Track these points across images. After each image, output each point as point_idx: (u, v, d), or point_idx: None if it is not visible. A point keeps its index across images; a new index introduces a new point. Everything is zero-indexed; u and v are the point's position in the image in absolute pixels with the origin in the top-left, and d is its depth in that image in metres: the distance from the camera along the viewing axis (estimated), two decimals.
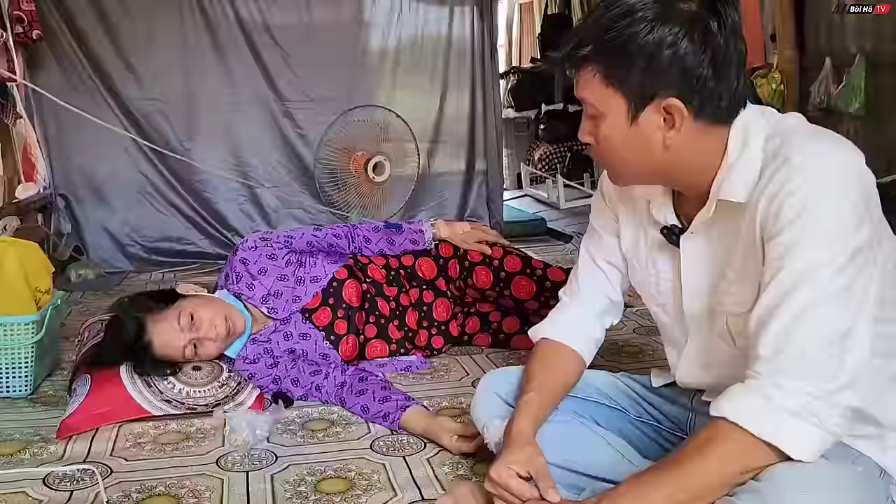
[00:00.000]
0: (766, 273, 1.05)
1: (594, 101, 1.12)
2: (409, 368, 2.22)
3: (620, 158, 1.16)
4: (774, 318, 1.02)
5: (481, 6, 4.28)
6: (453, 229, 2.39)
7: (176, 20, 3.91)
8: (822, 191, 1.01)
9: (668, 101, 1.07)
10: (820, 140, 1.06)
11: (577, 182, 5.30)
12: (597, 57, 1.09)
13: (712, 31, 1.05)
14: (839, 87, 3.20)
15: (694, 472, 1.01)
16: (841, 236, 1.00)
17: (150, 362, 1.94)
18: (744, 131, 1.11)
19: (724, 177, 1.11)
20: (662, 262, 1.29)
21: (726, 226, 1.16)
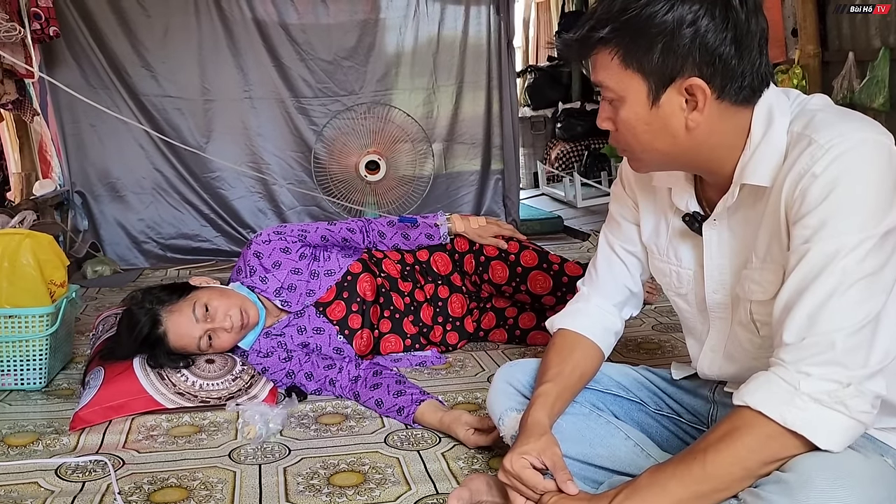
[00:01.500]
0: (792, 257, 1.01)
1: (613, 84, 1.09)
2: (424, 364, 2.20)
3: (642, 143, 1.11)
4: (800, 304, 0.98)
5: (497, 4, 4.27)
6: (468, 224, 2.37)
7: (192, 18, 3.93)
8: (850, 171, 0.97)
9: (691, 81, 1.04)
10: (847, 120, 1.02)
11: (594, 180, 5.26)
12: (615, 38, 1.06)
13: (734, 7, 1.02)
14: (862, 82, 3.14)
15: (716, 463, 0.98)
16: (870, 218, 0.96)
17: (165, 354, 1.93)
18: (768, 112, 1.07)
19: (748, 160, 1.08)
20: (684, 250, 1.26)
21: (750, 211, 1.12)
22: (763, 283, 1.10)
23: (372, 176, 3.56)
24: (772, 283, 1.09)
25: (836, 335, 0.95)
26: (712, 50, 1.02)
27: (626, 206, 1.37)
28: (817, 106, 1.08)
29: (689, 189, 1.22)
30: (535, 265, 2.26)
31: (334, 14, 4.13)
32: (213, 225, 4.05)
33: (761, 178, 1.07)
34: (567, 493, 1.13)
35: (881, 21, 3.15)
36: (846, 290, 0.96)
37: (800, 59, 3.50)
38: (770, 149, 1.06)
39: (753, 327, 1.16)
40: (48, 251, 2.14)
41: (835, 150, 0.98)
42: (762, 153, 1.06)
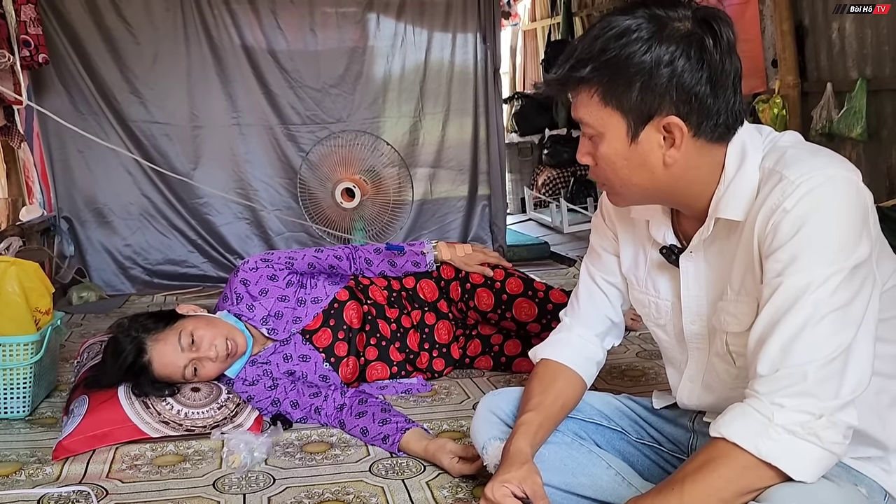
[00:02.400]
0: (765, 290, 1.04)
1: (592, 121, 1.12)
2: (410, 391, 2.20)
3: (621, 178, 1.14)
4: (773, 336, 1.00)
5: (484, 32, 4.32)
6: (455, 251, 2.39)
7: (182, 45, 3.95)
8: (819, 207, 1.00)
9: (668, 119, 1.07)
10: (816, 157, 1.05)
11: (580, 206, 5.30)
12: (594, 77, 1.08)
13: (708, 48, 1.05)
14: (840, 112, 3.20)
15: (693, 494, 0.99)
16: (840, 252, 0.99)
17: (149, 383, 1.93)
18: (741, 149, 1.10)
19: (722, 195, 1.11)
20: (662, 281, 1.28)
21: (724, 244, 1.15)
22: (738, 315, 1.13)
23: (347, 203, 3.56)
24: (746, 315, 1.11)
25: (808, 367, 0.97)
26: (688, 89, 1.05)
27: (607, 237, 1.39)
28: (788, 143, 1.11)
29: (665, 222, 1.24)
30: (520, 292, 2.28)
31: (323, 42, 4.17)
32: (200, 251, 4.04)
33: (734, 212, 1.09)
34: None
35: (858, 53, 3.22)
36: (817, 323, 0.98)
37: (780, 89, 3.57)
38: (743, 184, 1.09)
39: (730, 358, 1.18)
40: (34, 279, 2.14)
41: (804, 187, 1.01)
42: (735, 188, 1.09)
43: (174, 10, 3.92)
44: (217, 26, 3.98)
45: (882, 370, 1.09)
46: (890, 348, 1.11)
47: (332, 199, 3.56)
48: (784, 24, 3.50)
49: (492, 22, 4.31)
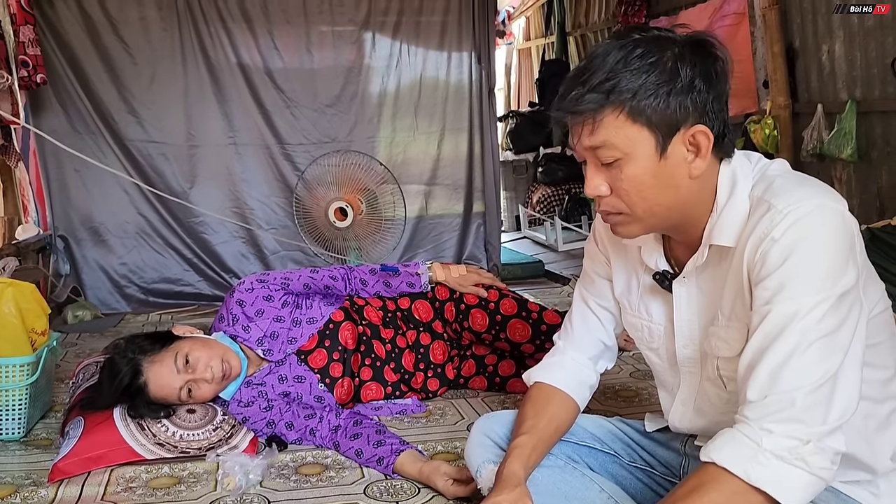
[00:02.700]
0: (754, 317, 1.06)
1: (619, 141, 1.09)
2: (405, 412, 2.21)
3: (647, 200, 1.12)
4: (762, 363, 1.02)
5: (479, 51, 4.36)
6: (449, 272, 2.41)
7: (179, 65, 3.98)
8: (806, 236, 1.02)
9: (696, 128, 1.08)
10: (804, 186, 1.08)
11: (574, 224, 5.33)
12: (620, 95, 1.07)
13: (710, 58, 1.09)
14: (831, 133, 3.24)
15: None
16: (827, 280, 1.01)
17: (145, 405, 1.94)
18: (732, 176, 1.13)
19: (715, 222, 1.13)
20: (655, 306, 1.30)
21: (716, 270, 1.17)
22: (729, 341, 1.15)
23: (340, 222, 3.57)
24: (737, 341, 1.13)
25: (796, 393, 0.99)
26: (705, 99, 1.08)
27: (599, 262, 1.41)
28: (776, 171, 1.13)
29: (658, 248, 1.27)
30: (514, 313, 2.30)
31: (319, 61, 4.20)
32: (195, 269, 4.05)
33: (726, 239, 1.12)
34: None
35: (848, 75, 3.27)
36: (805, 350, 1.00)
37: (771, 109, 3.61)
38: (734, 211, 1.11)
39: (721, 383, 1.20)
40: (30, 300, 2.14)
41: (792, 216, 1.03)
42: (727, 215, 1.12)
43: (171, 30, 3.95)
44: (214, 46, 4.01)
45: (869, 395, 1.10)
46: (877, 373, 1.12)
47: (326, 218, 3.57)
48: (775, 45, 3.55)
49: (486, 42, 4.35)
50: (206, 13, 3.98)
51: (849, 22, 3.21)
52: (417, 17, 4.30)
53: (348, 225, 3.55)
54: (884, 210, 3.10)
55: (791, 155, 3.54)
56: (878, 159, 3.16)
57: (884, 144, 3.13)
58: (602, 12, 5.64)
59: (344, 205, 3.54)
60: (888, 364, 1.15)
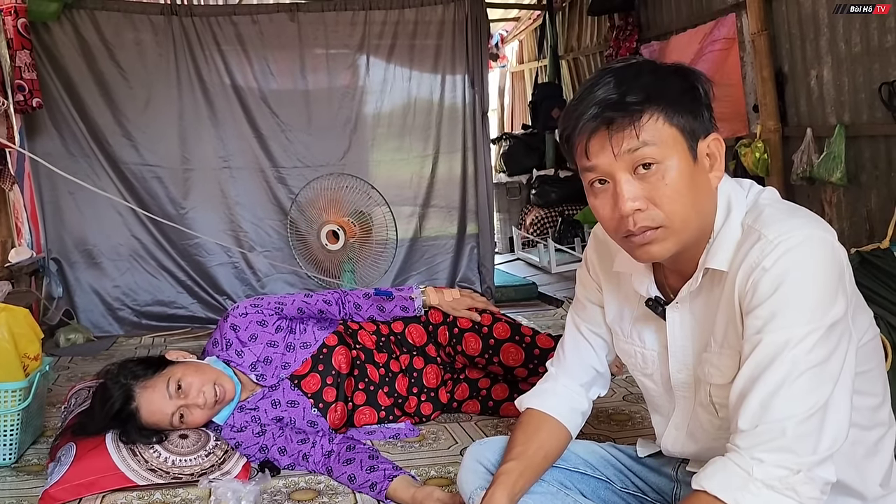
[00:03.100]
0: (746, 346, 1.07)
1: (659, 142, 1.08)
2: (398, 436, 2.21)
3: (688, 206, 1.10)
4: (753, 392, 1.03)
5: (472, 74, 4.39)
6: (442, 296, 2.42)
7: (174, 90, 4.01)
8: (797, 266, 1.04)
9: (712, 137, 1.13)
10: (793, 216, 1.09)
11: (567, 246, 5.35)
12: (657, 98, 1.08)
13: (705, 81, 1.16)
14: (820, 157, 3.27)
15: None
16: (817, 311, 1.02)
17: (137, 430, 1.93)
18: (727, 202, 1.15)
19: (710, 245, 1.15)
20: (647, 333, 1.31)
21: (708, 296, 1.18)
22: (721, 368, 1.16)
23: (332, 245, 3.57)
24: (729, 368, 1.14)
25: (787, 423, 1.00)
26: (710, 112, 1.13)
27: (591, 289, 1.42)
28: (766, 200, 1.15)
29: (648, 275, 1.28)
30: (507, 337, 2.30)
31: (313, 84, 4.23)
32: (189, 292, 4.05)
33: (719, 262, 1.13)
34: None
35: (836, 99, 3.31)
36: (796, 380, 1.01)
37: (761, 133, 3.64)
38: (728, 236, 1.13)
39: (713, 409, 1.21)
40: (23, 324, 2.14)
41: (782, 246, 1.05)
42: (721, 240, 1.14)
43: (167, 54, 3.98)
44: (209, 69, 4.04)
45: (859, 422, 1.12)
46: (866, 400, 1.14)
47: (318, 241, 3.57)
48: (764, 70, 3.59)
49: (479, 65, 4.38)
50: (201, 37, 4.01)
51: (836, 48, 3.25)
52: (411, 41, 4.33)
53: (340, 248, 3.55)
54: (873, 233, 3.13)
55: (781, 178, 3.58)
56: (867, 183, 3.19)
57: (872, 168, 3.16)
58: (594, 37, 5.70)
59: (336, 228, 3.54)
60: (876, 391, 1.17)
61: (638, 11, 4.95)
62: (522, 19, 7.14)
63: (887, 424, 1.19)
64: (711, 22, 4.14)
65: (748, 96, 3.88)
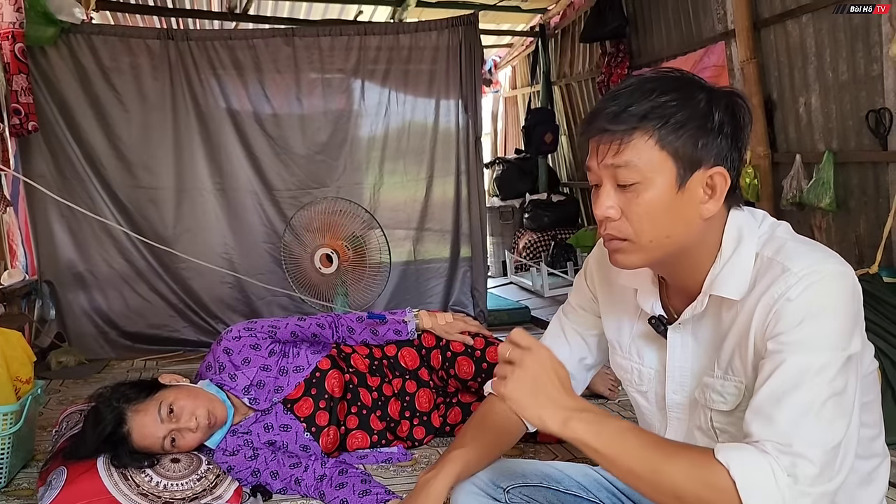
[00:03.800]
0: (766, 364, 1.07)
1: (643, 164, 1.09)
2: (390, 460, 2.21)
3: (657, 228, 1.12)
4: (780, 411, 1.02)
5: (466, 99, 4.43)
6: (436, 320, 2.43)
7: (169, 113, 4.02)
8: (821, 298, 1.04)
9: (716, 170, 1.11)
10: (815, 251, 1.10)
11: (560, 270, 5.37)
12: (654, 119, 1.08)
13: (744, 108, 1.13)
14: (810, 183, 3.31)
15: (668, 467, 1.03)
16: (839, 342, 1.03)
17: (128, 454, 1.92)
18: (738, 231, 1.15)
19: (718, 273, 1.15)
20: (647, 350, 1.30)
21: (714, 320, 1.18)
22: (725, 395, 1.16)
23: (326, 269, 3.58)
24: (733, 396, 1.15)
25: (815, 450, 1.00)
26: (731, 144, 1.11)
27: (586, 298, 1.43)
28: (785, 234, 1.16)
29: (654, 292, 1.27)
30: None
31: (308, 107, 4.25)
32: (181, 315, 4.04)
33: (730, 291, 1.13)
34: None
35: (824, 126, 3.36)
36: (822, 406, 1.01)
37: (751, 159, 3.69)
38: (740, 266, 1.13)
39: (713, 433, 1.21)
40: (16, 347, 2.14)
41: (808, 279, 1.05)
42: (732, 268, 1.14)
43: (162, 78, 4.00)
44: (204, 93, 4.06)
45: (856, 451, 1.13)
46: (865, 431, 1.15)
47: (312, 264, 3.58)
48: (754, 97, 3.64)
49: (473, 90, 4.42)
50: (197, 62, 4.04)
51: (824, 76, 3.31)
52: (406, 66, 4.37)
53: (334, 271, 3.56)
54: (862, 258, 3.16)
55: (771, 203, 3.62)
56: (855, 208, 3.23)
57: (861, 194, 3.20)
58: (586, 63, 5.77)
59: (330, 251, 3.55)
60: (874, 422, 1.18)
61: (629, 39, 5.02)
62: (515, 45, 7.22)
63: (881, 455, 1.20)
64: (701, 50, 4.20)
65: None
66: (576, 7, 5.77)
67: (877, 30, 3.00)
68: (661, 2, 4.61)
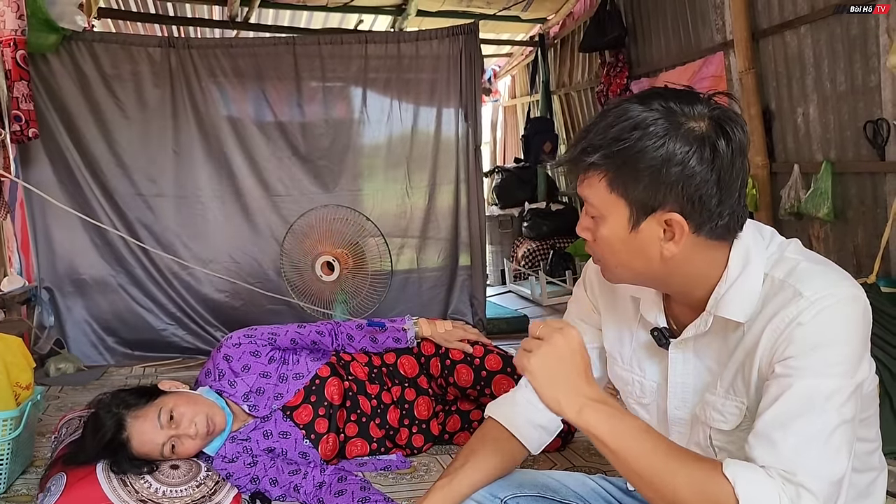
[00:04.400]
0: (772, 386, 1.06)
1: (597, 202, 1.12)
2: (389, 468, 2.21)
3: (618, 259, 1.15)
4: (785, 436, 1.02)
5: (466, 108, 4.44)
6: (435, 328, 2.43)
7: (169, 120, 4.02)
8: (833, 324, 1.04)
9: (670, 216, 1.07)
10: (827, 273, 1.09)
11: (559, 279, 5.38)
12: (605, 164, 1.08)
13: (720, 151, 1.05)
14: (808, 193, 3.33)
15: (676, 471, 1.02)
16: (849, 369, 1.03)
17: (127, 460, 1.93)
18: (745, 253, 1.13)
19: (723, 293, 1.13)
20: (648, 363, 1.29)
21: (718, 339, 1.17)
22: (725, 415, 1.16)
23: (327, 276, 3.58)
24: (734, 416, 1.14)
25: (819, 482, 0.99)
26: (695, 189, 1.06)
27: (586, 309, 1.41)
28: (796, 255, 1.13)
29: (658, 303, 1.26)
30: (499, 369, 2.32)
31: (309, 115, 4.25)
32: (179, 322, 4.03)
33: (736, 313, 1.12)
34: None
35: (822, 137, 3.37)
36: (830, 436, 1.01)
37: (750, 169, 3.69)
38: (746, 287, 1.11)
39: (712, 451, 1.20)
40: (16, 353, 2.14)
41: (820, 304, 1.04)
42: (738, 290, 1.12)
43: (163, 87, 4.01)
44: (205, 100, 4.07)
45: (854, 465, 1.13)
46: (863, 446, 1.15)
47: (313, 272, 3.58)
48: (752, 108, 3.66)
49: (473, 99, 4.44)
50: (198, 71, 4.05)
51: (822, 86, 3.32)
52: (407, 74, 4.38)
53: (335, 279, 3.56)
54: (860, 268, 3.17)
55: (770, 213, 3.63)
56: (853, 218, 3.24)
57: (859, 204, 3.22)
58: (585, 73, 5.80)
59: (331, 259, 3.56)
60: (872, 436, 1.18)
61: (628, 49, 5.04)
62: (515, 55, 7.25)
63: (878, 468, 1.20)
64: (700, 60, 4.22)
65: None
66: (575, 17, 5.79)
67: (874, 40, 3.01)
68: (661, 12, 4.63)
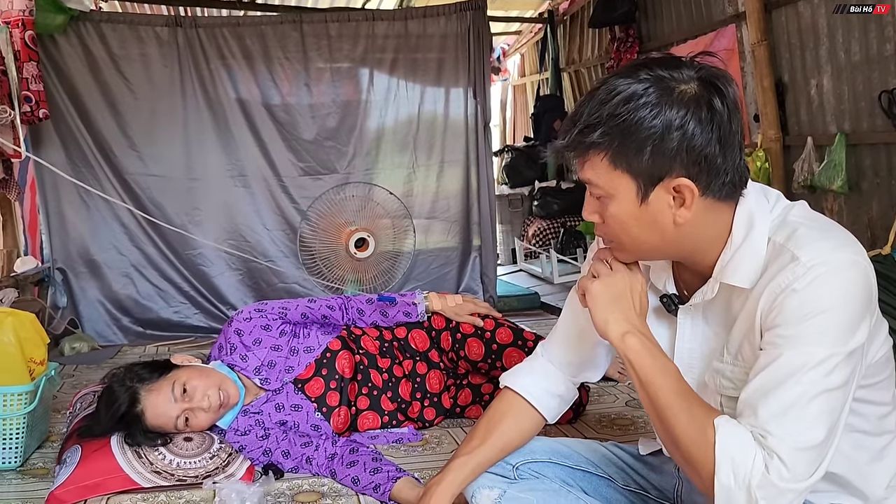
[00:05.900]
0: (762, 357, 1.06)
1: (602, 182, 1.11)
2: (401, 440, 2.22)
3: (631, 236, 1.15)
4: (764, 405, 1.03)
5: (475, 87, 4.42)
6: (445, 302, 2.43)
7: (179, 100, 4.04)
8: (827, 292, 1.02)
9: (679, 181, 1.07)
10: (827, 238, 1.07)
11: (570, 257, 5.36)
12: (605, 141, 1.08)
13: (717, 109, 1.06)
14: (821, 166, 3.29)
15: (682, 413, 1.07)
16: (841, 337, 1.02)
17: (142, 433, 1.94)
18: (748, 217, 1.12)
19: (728, 260, 1.13)
20: (657, 328, 1.28)
21: (725, 305, 1.17)
22: (734, 381, 1.16)
23: (361, 253, 3.60)
24: (742, 381, 1.13)
25: (793, 445, 1.00)
26: (699, 151, 1.06)
27: None
28: (798, 217, 1.12)
29: (667, 269, 1.27)
30: (510, 342, 2.31)
31: (317, 96, 4.25)
32: (192, 302, 4.06)
33: (741, 280, 1.12)
34: None
35: (836, 108, 3.33)
36: (808, 403, 1.01)
37: (762, 143, 3.67)
38: (751, 253, 1.11)
39: None
40: (30, 329, 2.16)
41: (816, 270, 1.03)
42: (742, 256, 1.11)
43: (172, 66, 4.01)
44: (213, 81, 4.07)
45: (865, 429, 1.13)
46: (875, 409, 1.14)
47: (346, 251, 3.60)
48: (764, 80, 3.62)
49: (482, 78, 4.42)
50: (206, 50, 4.05)
51: (836, 57, 3.28)
52: (414, 55, 4.37)
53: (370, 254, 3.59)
54: (875, 240, 3.14)
55: (783, 186, 3.59)
56: (868, 190, 3.21)
57: (873, 175, 3.18)
58: (595, 49, 5.75)
59: (365, 235, 3.58)
60: (885, 400, 1.17)
61: (639, 23, 4.99)
62: (524, 32, 7.19)
63: (893, 432, 1.19)
64: (712, 33, 4.17)
65: (749, 106, 3.90)
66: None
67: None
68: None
